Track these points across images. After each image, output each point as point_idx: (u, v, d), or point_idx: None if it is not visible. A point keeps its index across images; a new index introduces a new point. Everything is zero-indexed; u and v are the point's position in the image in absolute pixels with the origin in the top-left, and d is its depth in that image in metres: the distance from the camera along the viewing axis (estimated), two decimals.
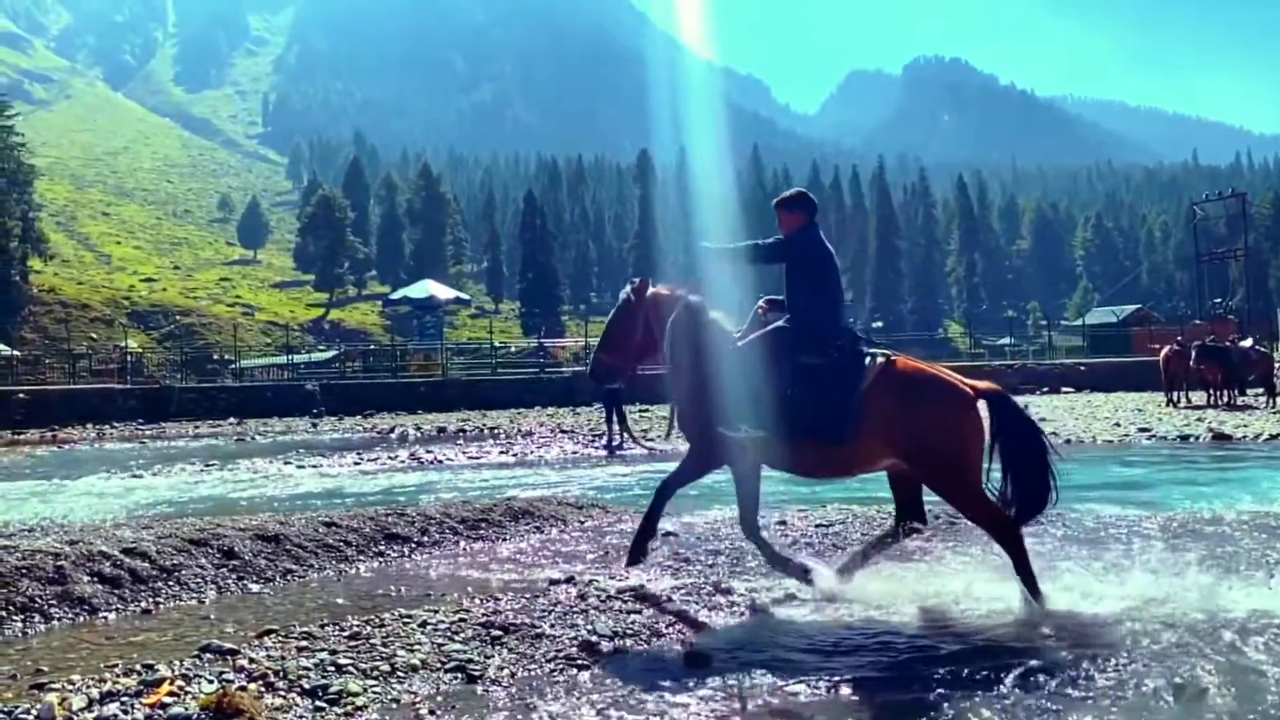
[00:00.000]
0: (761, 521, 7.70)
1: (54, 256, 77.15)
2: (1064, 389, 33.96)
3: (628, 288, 5.82)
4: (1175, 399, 24.14)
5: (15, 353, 50.82)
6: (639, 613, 4.91)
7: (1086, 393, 32.10)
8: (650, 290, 5.72)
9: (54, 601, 4.97)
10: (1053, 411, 23.42)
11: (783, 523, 7.61)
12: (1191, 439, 16.08)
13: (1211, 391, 23.98)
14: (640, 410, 22.95)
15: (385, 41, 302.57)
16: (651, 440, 15.48)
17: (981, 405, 5.20)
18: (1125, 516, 7.92)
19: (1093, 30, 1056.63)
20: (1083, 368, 37.94)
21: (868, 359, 5.23)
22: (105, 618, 4.99)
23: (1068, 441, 16.55)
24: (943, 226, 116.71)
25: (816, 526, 7.32)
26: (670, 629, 4.64)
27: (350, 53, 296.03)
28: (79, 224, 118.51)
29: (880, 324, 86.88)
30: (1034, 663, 3.92)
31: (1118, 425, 18.80)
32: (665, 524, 7.78)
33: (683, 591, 5.37)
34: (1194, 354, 23.36)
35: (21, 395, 31.95)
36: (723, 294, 5.73)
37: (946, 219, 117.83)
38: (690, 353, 5.52)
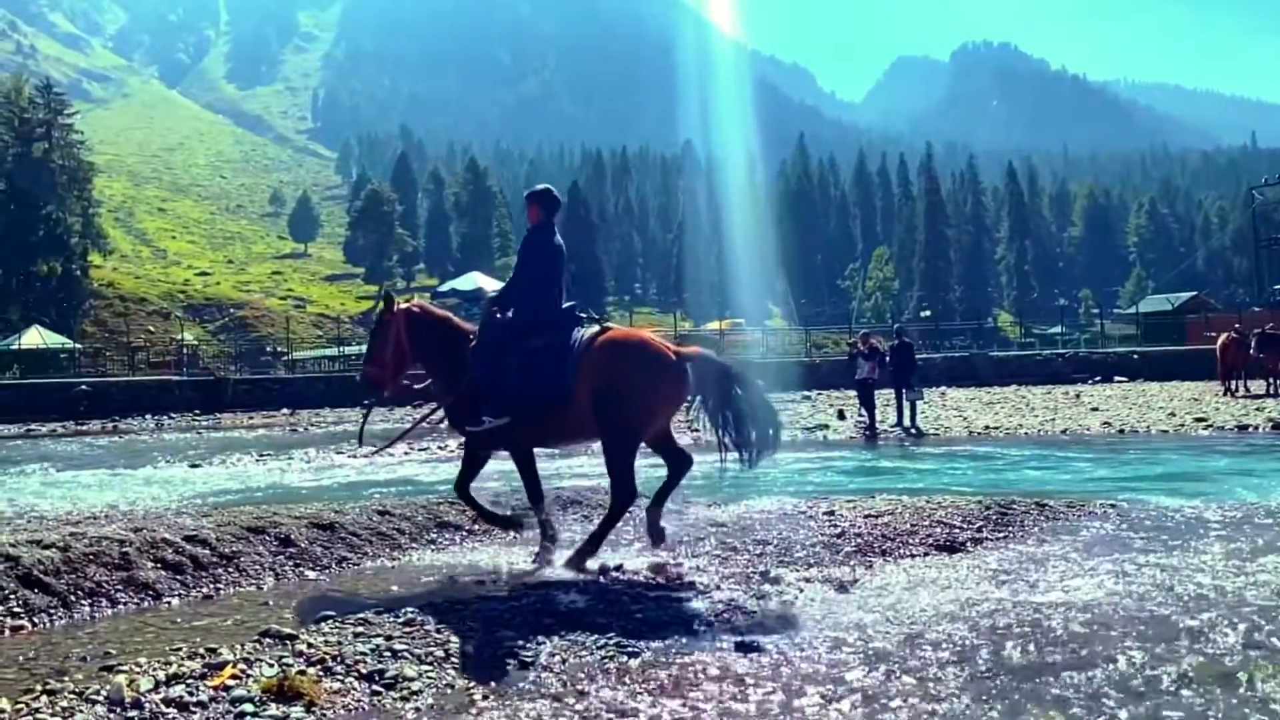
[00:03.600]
0: (809, 511, 7.72)
1: (113, 252, 78.97)
2: (1117, 378, 33.37)
3: (380, 306, 6.33)
4: (1233, 388, 23.60)
5: (77, 346, 52.15)
6: (689, 601, 4.95)
7: (1140, 382, 31.50)
8: (400, 306, 6.20)
9: (120, 586, 5.12)
10: (1106, 401, 23.04)
11: (830, 513, 7.57)
12: (1250, 429, 15.73)
13: (1271, 380, 23.42)
14: None
15: (431, 37, 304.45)
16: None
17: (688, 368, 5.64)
18: (1181, 507, 7.79)
19: (1146, 12, 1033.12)
20: (1136, 356, 37.24)
21: (581, 331, 5.72)
22: (169, 603, 5.13)
23: (1121, 431, 16.29)
24: (992, 214, 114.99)
25: (865, 517, 7.28)
26: (720, 617, 4.65)
27: (397, 48, 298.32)
28: (136, 220, 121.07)
29: (928, 312, 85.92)
30: (1100, 661, 3.89)
31: (1173, 415, 18.44)
32: (715, 514, 7.82)
33: (731, 580, 5.39)
34: (1254, 342, 22.84)
35: (84, 387, 32.85)
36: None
37: (996, 206, 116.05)
38: (438, 358, 6.08)
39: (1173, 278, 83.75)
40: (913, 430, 17.28)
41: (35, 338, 48.64)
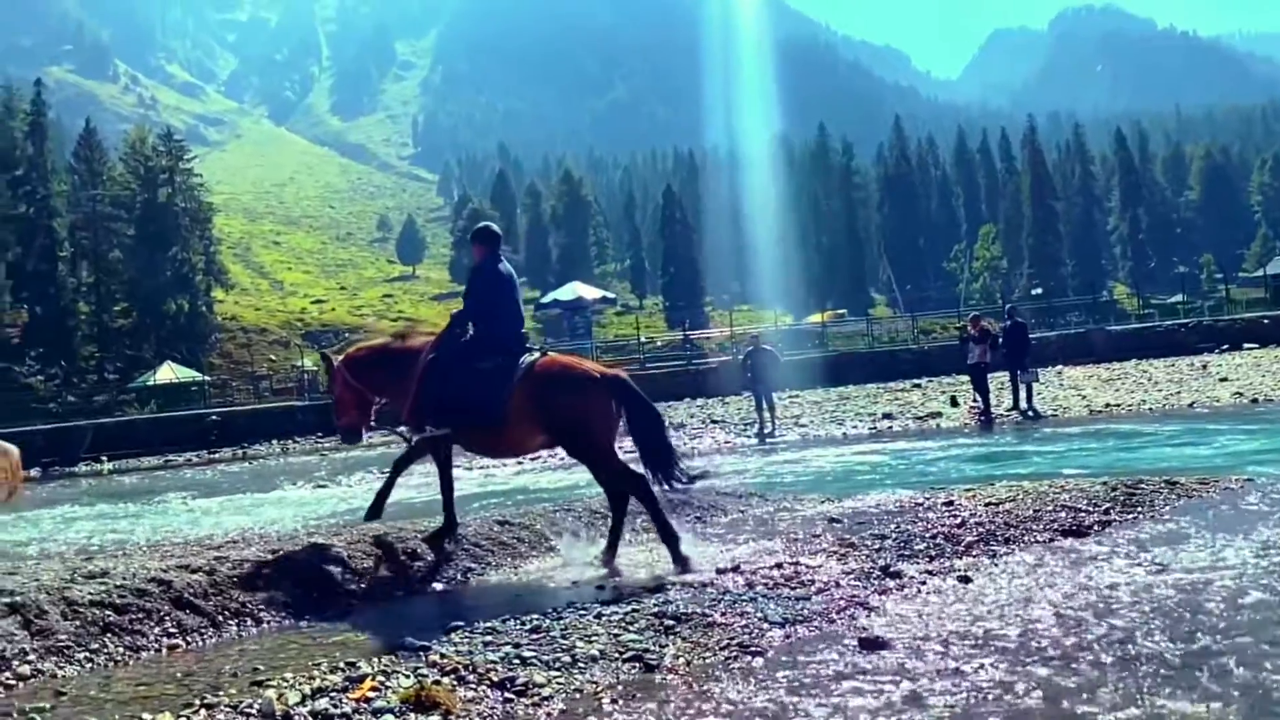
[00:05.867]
0: (927, 502, 7.59)
1: (234, 286, 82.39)
2: (1247, 345, 31.71)
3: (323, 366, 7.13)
4: None
5: (206, 378, 54.75)
6: (808, 598, 4.93)
7: (1273, 348, 29.87)
8: (340, 357, 6.94)
9: (262, 606, 5.38)
10: (1236, 370, 21.96)
11: (949, 503, 7.44)
12: None
13: None
14: None
15: (522, 53, 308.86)
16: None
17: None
18: None
19: None
20: (1266, 320, 35.33)
21: (523, 360, 6.29)
22: (308, 619, 5.37)
23: (1254, 402, 15.51)
24: (1102, 183, 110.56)
25: (986, 505, 7.14)
26: (841, 614, 4.63)
27: (490, 68, 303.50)
28: (253, 254, 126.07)
29: (1039, 290, 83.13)
30: (1250, 645, 3.75)
31: None
32: (830, 509, 7.76)
33: (851, 576, 5.35)
34: None
35: (214, 417, 34.44)
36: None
37: (1106, 175, 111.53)
38: (392, 385, 6.68)
39: None
40: (1029, 412, 16.81)
41: (168, 373, 51.36)
